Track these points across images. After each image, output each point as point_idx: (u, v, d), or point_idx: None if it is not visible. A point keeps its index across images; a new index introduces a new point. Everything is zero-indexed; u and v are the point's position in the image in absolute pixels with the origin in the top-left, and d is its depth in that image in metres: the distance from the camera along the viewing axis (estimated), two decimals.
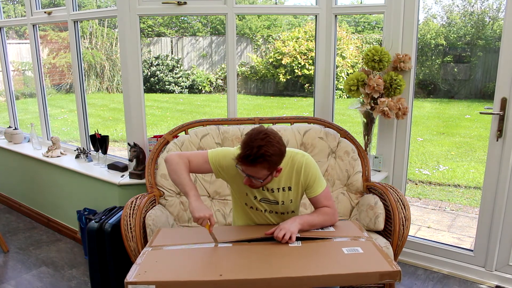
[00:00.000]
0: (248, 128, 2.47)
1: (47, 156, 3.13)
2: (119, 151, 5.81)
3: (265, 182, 1.68)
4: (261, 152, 1.55)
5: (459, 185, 4.46)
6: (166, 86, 10.75)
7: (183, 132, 2.48)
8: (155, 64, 10.85)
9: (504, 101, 2.28)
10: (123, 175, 2.66)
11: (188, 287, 1.38)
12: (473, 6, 9.03)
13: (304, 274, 1.41)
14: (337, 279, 1.43)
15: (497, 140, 2.35)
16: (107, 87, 10.53)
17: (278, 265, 1.47)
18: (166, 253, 1.57)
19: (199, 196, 1.68)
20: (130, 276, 1.39)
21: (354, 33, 10.72)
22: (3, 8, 4.06)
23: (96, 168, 2.84)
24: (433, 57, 9.08)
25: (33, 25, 3.33)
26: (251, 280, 1.40)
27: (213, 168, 1.78)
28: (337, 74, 5.49)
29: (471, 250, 2.58)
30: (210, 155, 1.79)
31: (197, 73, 11.11)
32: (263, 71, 10.51)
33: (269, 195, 1.78)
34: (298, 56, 9.65)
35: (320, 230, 1.76)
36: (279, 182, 1.77)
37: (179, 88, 10.81)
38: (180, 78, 10.87)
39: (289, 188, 1.78)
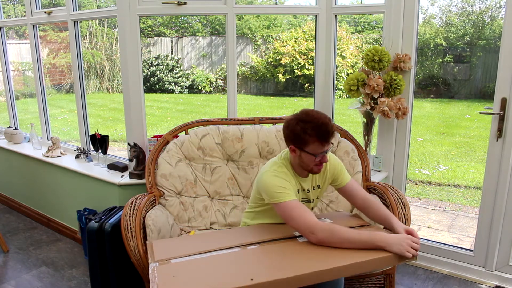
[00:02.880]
0: (248, 128, 2.47)
1: (47, 156, 3.13)
2: (119, 151, 5.81)
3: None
4: (328, 119, 1.66)
5: (459, 185, 4.46)
6: (166, 86, 10.75)
7: (183, 132, 2.48)
8: (155, 64, 10.85)
9: (504, 101, 2.28)
10: (123, 175, 2.66)
11: None
12: (472, 6, 9.03)
13: (334, 265, 1.42)
14: (366, 265, 1.46)
15: (497, 140, 2.35)
16: (107, 87, 10.53)
17: (304, 261, 1.47)
18: (179, 266, 1.49)
19: (378, 229, 1.69)
20: None
21: (354, 33, 10.72)
22: (3, 8, 4.06)
23: (96, 168, 2.85)
24: (433, 57, 9.08)
25: (33, 25, 3.33)
26: (284, 279, 1.37)
27: (295, 197, 1.71)
28: (337, 74, 5.49)
29: (471, 250, 2.58)
30: (290, 198, 1.67)
31: (197, 73, 11.11)
32: (263, 71, 10.51)
33: (303, 194, 1.83)
34: (297, 56, 9.65)
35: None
36: (312, 181, 1.84)
37: (179, 88, 10.81)
38: (180, 78, 10.87)
39: (318, 186, 1.86)
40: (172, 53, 11.47)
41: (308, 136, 1.63)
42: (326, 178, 1.84)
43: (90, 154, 3.04)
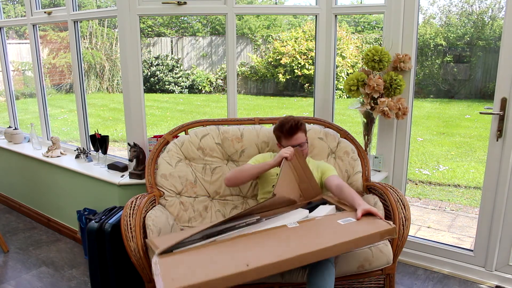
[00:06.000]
0: (248, 128, 2.48)
1: (47, 156, 3.13)
2: (119, 151, 5.81)
3: (306, 147, 2.22)
4: (296, 120, 2.17)
5: (459, 185, 4.46)
6: (166, 86, 10.75)
7: (183, 132, 2.48)
8: (155, 64, 10.85)
9: (504, 101, 2.28)
10: (123, 175, 2.66)
11: (219, 283, 1.42)
12: (471, 6, 9.03)
13: (321, 247, 1.56)
14: (349, 245, 1.62)
15: (497, 140, 2.35)
16: (107, 87, 10.53)
17: (295, 245, 1.59)
18: (179, 257, 1.59)
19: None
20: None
21: (354, 33, 10.72)
22: (3, 8, 4.06)
23: (96, 168, 2.85)
24: (433, 57, 9.08)
25: (33, 25, 3.34)
26: (276, 263, 1.48)
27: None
28: (337, 74, 5.49)
29: (471, 250, 2.58)
30: (252, 162, 2.24)
31: (197, 73, 11.11)
32: (263, 71, 10.51)
33: None
34: (297, 56, 9.65)
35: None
36: None
37: (179, 88, 10.81)
38: (180, 78, 10.87)
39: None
40: (172, 53, 11.47)
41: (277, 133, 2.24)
42: (315, 170, 2.21)
43: (90, 154, 3.04)
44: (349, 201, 1.97)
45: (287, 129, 2.16)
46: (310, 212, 1.96)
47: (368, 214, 1.81)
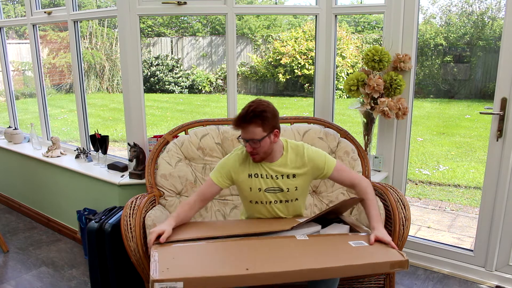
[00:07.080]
0: None
1: (47, 156, 3.13)
2: (119, 151, 5.81)
3: (264, 145, 1.75)
4: (252, 109, 1.70)
5: (459, 185, 4.46)
6: (166, 86, 10.75)
7: (183, 132, 2.48)
8: (155, 64, 10.85)
9: (504, 101, 2.28)
10: (123, 175, 2.66)
11: (215, 282, 1.38)
12: (471, 6, 9.03)
13: (325, 265, 1.48)
14: (354, 269, 1.52)
15: (497, 140, 2.35)
16: (107, 87, 10.53)
17: (300, 258, 1.53)
18: (179, 249, 1.57)
19: (170, 222, 1.75)
20: (155, 274, 1.36)
21: (354, 33, 10.72)
22: (3, 8, 4.06)
23: (96, 168, 2.85)
24: (433, 57, 9.08)
25: (33, 25, 3.33)
26: (277, 273, 1.43)
27: (221, 183, 1.87)
28: (337, 74, 5.49)
29: (471, 250, 2.58)
30: (212, 176, 1.88)
31: (197, 73, 11.11)
32: (263, 71, 10.51)
33: (272, 182, 1.85)
34: (297, 56, 9.66)
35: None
36: (284, 166, 1.85)
37: (179, 88, 10.81)
38: (180, 78, 10.87)
39: (293, 176, 1.85)
40: (172, 53, 11.47)
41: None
42: (305, 170, 1.86)
43: (90, 154, 3.04)
44: (366, 213, 1.83)
45: (235, 119, 1.75)
46: (322, 228, 1.86)
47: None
